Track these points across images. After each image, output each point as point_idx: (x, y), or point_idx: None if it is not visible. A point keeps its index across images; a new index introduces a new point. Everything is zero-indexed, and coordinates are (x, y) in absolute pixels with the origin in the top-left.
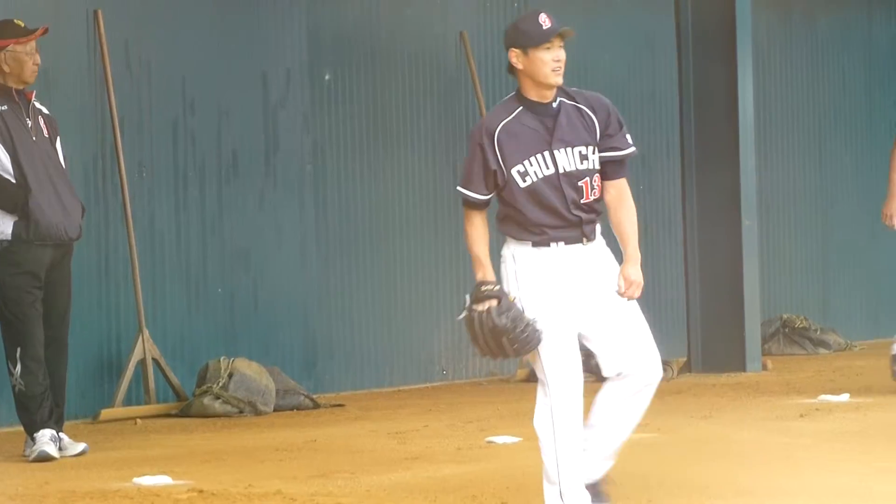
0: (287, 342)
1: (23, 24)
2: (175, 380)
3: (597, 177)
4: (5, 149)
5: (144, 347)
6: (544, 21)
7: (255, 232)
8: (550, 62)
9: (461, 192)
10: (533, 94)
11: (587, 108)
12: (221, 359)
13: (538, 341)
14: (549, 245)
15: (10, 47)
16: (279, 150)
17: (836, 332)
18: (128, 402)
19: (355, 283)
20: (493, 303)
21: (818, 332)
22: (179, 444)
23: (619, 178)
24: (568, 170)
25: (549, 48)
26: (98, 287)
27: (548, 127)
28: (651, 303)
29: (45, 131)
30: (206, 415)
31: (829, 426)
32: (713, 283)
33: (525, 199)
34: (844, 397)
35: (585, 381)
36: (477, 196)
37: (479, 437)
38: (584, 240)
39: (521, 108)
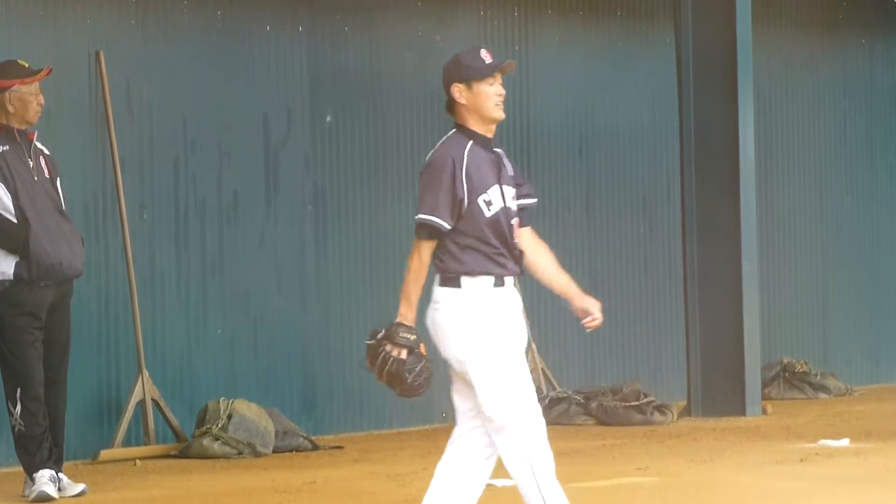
0: (286, 383)
1: (27, 65)
2: (174, 421)
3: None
4: (7, 188)
5: (144, 388)
6: (486, 56)
7: (255, 273)
8: (494, 96)
9: (427, 220)
10: (478, 129)
11: (503, 155)
12: (221, 400)
13: (423, 393)
14: (504, 284)
15: (14, 87)
16: (280, 190)
17: (836, 376)
18: (127, 442)
19: (355, 325)
20: (405, 353)
21: (818, 377)
22: (179, 485)
23: (528, 225)
24: (507, 206)
25: (492, 83)
26: (98, 327)
27: (495, 161)
28: (651, 346)
29: (45, 171)
30: (205, 456)
31: (829, 471)
32: (713, 327)
33: (490, 229)
34: (845, 442)
35: (584, 425)
36: (444, 224)
37: None
38: (519, 277)
39: (471, 141)
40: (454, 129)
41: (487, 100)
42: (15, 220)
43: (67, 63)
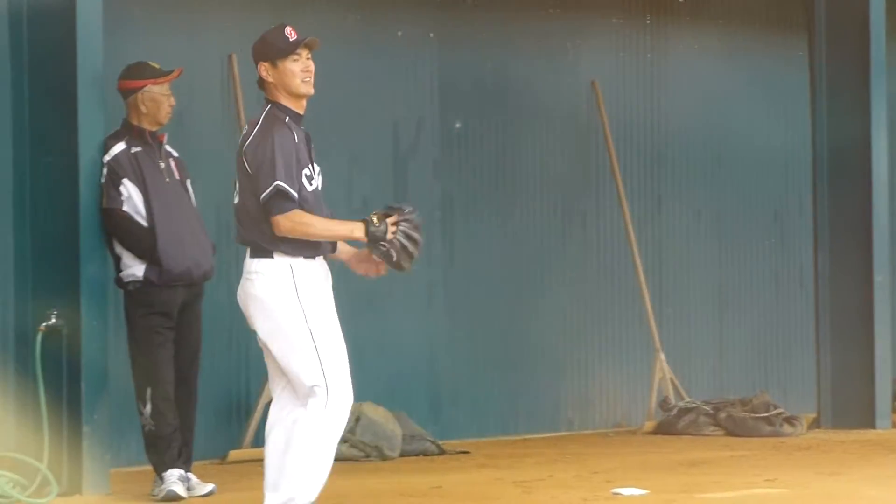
0: (413, 388)
1: (158, 66)
2: None
3: None
4: (139, 190)
5: None
6: (290, 33)
7: (382, 277)
8: (300, 72)
9: (281, 187)
10: (290, 105)
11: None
12: None
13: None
14: (315, 258)
15: (146, 87)
16: (408, 196)
17: None
18: (256, 443)
19: (481, 330)
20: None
21: None
22: None
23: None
24: (319, 184)
25: (297, 59)
26: (229, 329)
27: (307, 138)
28: (781, 357)
29: (176, 173)
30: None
31: None
32: (844, 340)
33: (311, 203)
34: None
35: (712, 435)
36: (295, 193)
37: (605, 488)
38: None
39: (287, 116)
40: (269, 106)
41: (294, 77)
42: (145, 223)
43: (200, 66)
